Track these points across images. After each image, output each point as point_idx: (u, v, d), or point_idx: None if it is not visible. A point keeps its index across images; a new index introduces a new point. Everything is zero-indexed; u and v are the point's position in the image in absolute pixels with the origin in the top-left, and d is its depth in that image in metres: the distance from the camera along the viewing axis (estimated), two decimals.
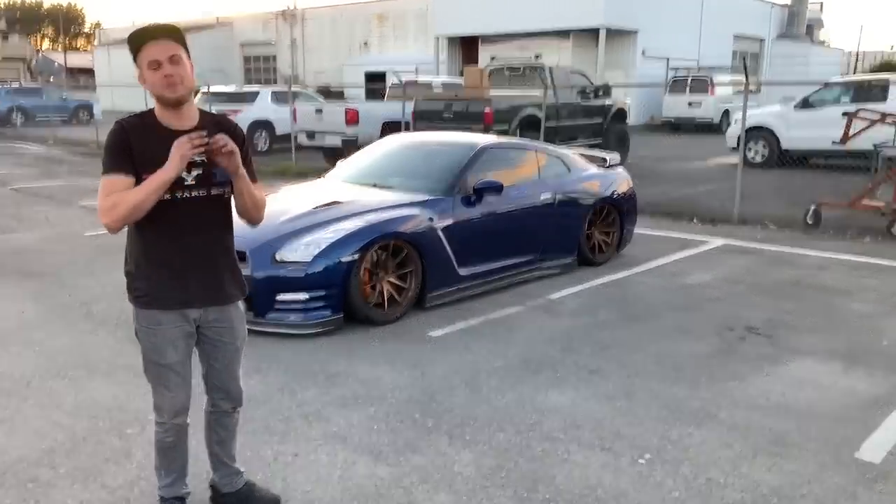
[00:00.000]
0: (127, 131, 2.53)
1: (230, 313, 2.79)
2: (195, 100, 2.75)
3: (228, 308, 2.78)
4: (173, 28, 2.53)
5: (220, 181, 2.61)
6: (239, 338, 2.85)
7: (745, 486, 3.25)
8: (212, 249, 2.69)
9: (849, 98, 14.71)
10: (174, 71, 2.46)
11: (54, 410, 3.91)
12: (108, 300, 5.87)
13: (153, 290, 2.65)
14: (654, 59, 27.43)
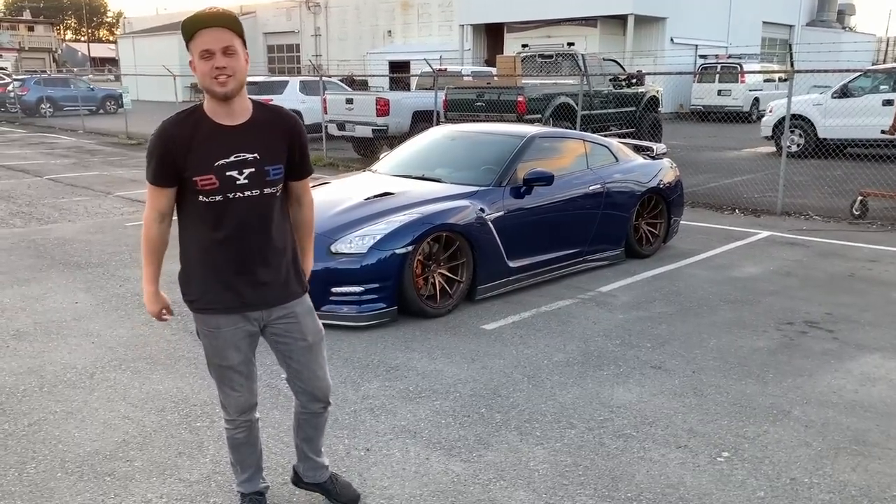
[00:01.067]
0: (170, 139, 2.38)
1: (294, 309, 2.64)
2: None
3: (291, 304, 2.64)
4: (230, 15, 2.35)
5: (272, 179, 2.48)
6: (309, 333, 2.69)
7: (831, 486, 3.17)
8: (267, 248, 2.53)
9: (889, 86, 14.43)
10: (227, 63, 2.31)
11: (121, 403, 3.91)
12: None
13: (209, 294, 2.55)
14: (683, 47, 27.08)
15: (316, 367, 2.74)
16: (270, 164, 2.45)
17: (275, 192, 2.51)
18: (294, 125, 2.54)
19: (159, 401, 3.93)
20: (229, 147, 2.40)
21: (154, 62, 32.75)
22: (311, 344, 2.71)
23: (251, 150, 2.42)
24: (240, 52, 2.34)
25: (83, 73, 38.47)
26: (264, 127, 2.45)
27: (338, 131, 15.46)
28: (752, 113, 25.00)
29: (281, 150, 2.48)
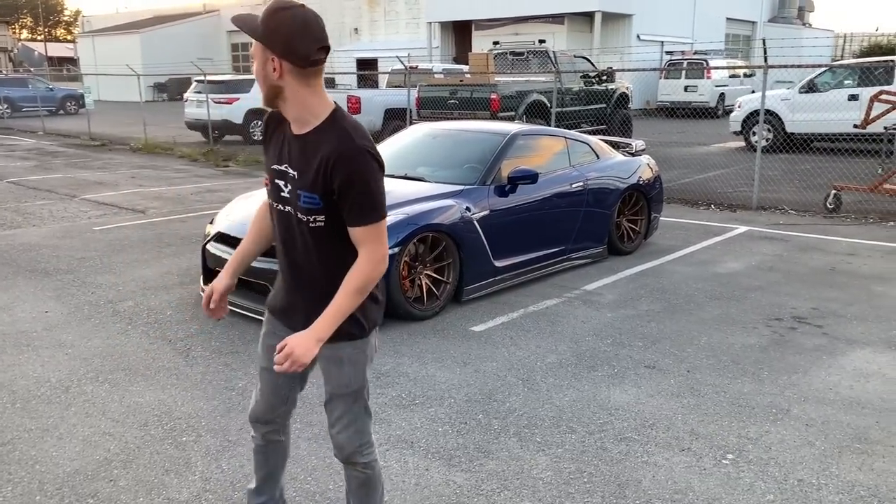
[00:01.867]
0: (269, 123, 2.26)
1: (331, 349, 2.22)
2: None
3: (331, 344, 2.22)
4: (248, 17, 2.06)
5: (304, 206, 2.11)
6: (332, 383, 2.30)
7: (839, 487, 3.12)
8: (300, 273, 2.24)
9: (854, 81, 14.64)
10: (255, 67, 2.09)
11: (100, 418, 3.72)
12: (133, 298, 5.66)
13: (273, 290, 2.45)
14: (650, 43, 27.28)
15: (334, 418, 2.34)
16: (302, 188, 2.09)
17: (309, 221, 2.12)
18: (334, 159, 2.01)
19: (141, 415, 3.75)
20: (283, 154, 2.17)
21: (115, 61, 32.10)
22: (334, 395, 2.33)
23: (293, 167, 2.12)
24: (257, 58, 2.06)
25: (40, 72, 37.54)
26: (310, 145, 2.08)
27: None
28: (718, 108, 25.29)
29: (315, 178, 2.06)
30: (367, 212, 2.05)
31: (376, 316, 2.29)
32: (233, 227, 5.39)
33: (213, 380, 4.18)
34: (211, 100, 17.22)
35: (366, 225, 2.06)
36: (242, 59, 39.91)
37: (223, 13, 40.68)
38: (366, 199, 2.03)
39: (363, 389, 2.32)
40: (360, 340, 2.25)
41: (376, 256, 2.08)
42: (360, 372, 2.29)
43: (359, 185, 2.01)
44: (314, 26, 2.01)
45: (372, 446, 2.41)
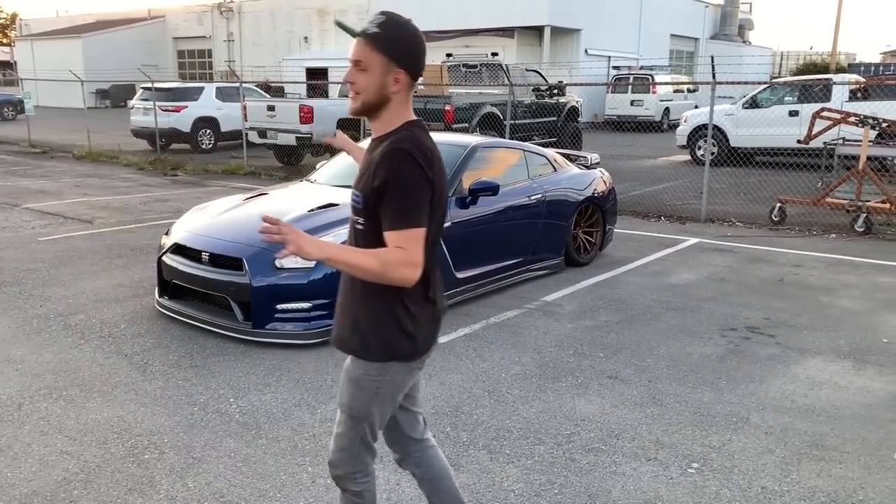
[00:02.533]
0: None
1: (349, 362, 2.24)
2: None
3: (348, 358, 2.25)
4: (381, 26, 2.02)
5: (353, 205, 2.13)
6: (340, 396, 2.27)
7: (801, 493, 3.21)
8: (347, 284, 2.22)
9: (794, 98, 15.17)
10: (354, 79, 2.06)
11: (56, 436, 3.59)
12: (85, 311, 5.50)
13: None
14: (597, 58, 27.78)
15: (337, 434, 2.31)
16: (355, 187, 2.13)
17: (355, 221, 2.14)
18: (380, 158, 2.02)
19: (100, 432, 3.64)
20: (364, 160, 2.18)
21: (56, 66, 31.23)
22: (340, 407, 2.30)
23: (360, 170, 2.16)
24: (375, 69, 2.02)
25: None
26: (375, 148, 2.10)
27: (259, 139, 15.03)
28: (663, 122, 25.88)
29: (364, 177, 2.07)
30: (397, 218, 1.99)
31: (401, 350, 2.15)
32: (190, 239, 5.28)
33: (174, 395, 4.08)
34: (158, 107, 16.88)
35: (394, 230, 1.99)
36: (189, 67, 39.24)
37: (169, 19, 39.97)
38: (400, 204, 1.98)
39: (364, 421, 2.22)
40: (371, 365, 2.15)
41: (394, 256, 1.97)
42: (365, 400, 2.19)
43: (395, 187, 1.98)
44: (423, 40, 2.11)
45: (367, 477, 2.34)
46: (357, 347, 2.16)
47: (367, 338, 2.14)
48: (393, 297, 2.10)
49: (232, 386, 4.23)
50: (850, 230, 8.92)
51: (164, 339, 4.94)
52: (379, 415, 2.24)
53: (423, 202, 2.01)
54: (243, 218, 5.45)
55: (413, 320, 2.14)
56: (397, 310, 2.11)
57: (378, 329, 2.13)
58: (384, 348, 2.14)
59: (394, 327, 2.12)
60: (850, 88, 14.44)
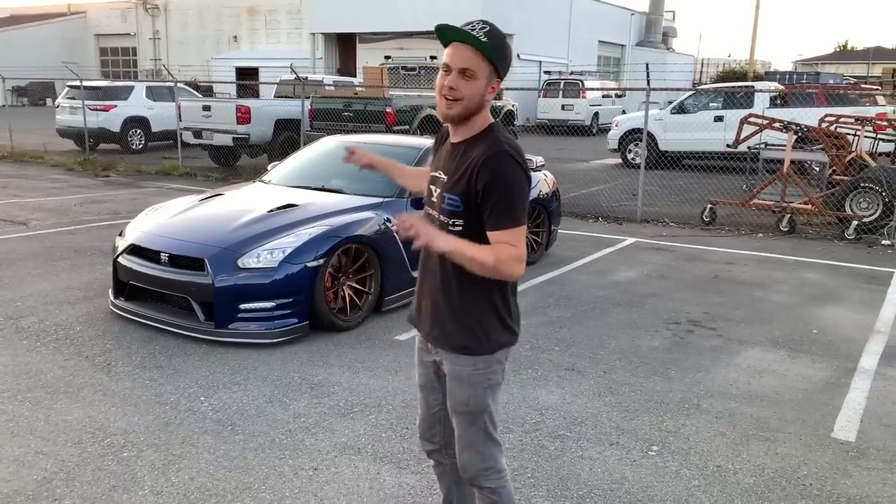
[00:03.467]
0: (438, 138, 2.37)
1: (451, 362, 2.29)
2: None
3: (451, 356, 2.29)
4: (489, 34, 2.10)
5: (446, 208, 2.18)
6: (451, 398, 2.32)
7: (751, 470, 3.48)
8: (434, 278, 2.29)
9: (719, 104, 15.88)
10: (457, 84, 2.09)
11: (28, 437, 3.56)
12: (36, 314, 5.39)
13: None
14: (529, 63, 28.31)
15: (461, 435, 2.36)
16: (449, 190, 2.17)
17: (448, 224, 2.18)
18: (481, 160, 2.08)
19: (73, 433, 3.63)
20: (439, 161, 2.28)
21: None
22: (456, 412, 2.34)
23: (445, 171, 2.21)
24: (482, 79, 2.10)
25: None
26: (465, 152, 2.16)
27: (194, 139, 14.78)
28: (592, 126, 26.56)
29: (460, 180, 2.13)
30: (505, 218, 2.07)
31: (502, 339, 2.25)
32: (147, 239, 5.25)
33: (143, 395, 4.09)
34: (86, 106, 16.40)
35: (503, 229, 2.08)
36: (112, 65, 38.06)
37: (90, 15, 38.68)
38: (506, 204, 2.07)
39: (483, 413, 2.30)
40: (478, 359, 2.23)
41: (507, 253, 2.07)
42: (480, 394, 2.27)
43: (501, 190, 2.06)
44: None
45: (500, 473, 2.38)
46: (466, 344, 2.23)
47: (476, 334, 2.22)
48: (492, 291, 2.21)
49: (200, 385, 4.25)
50: (775, 230, 9.45)
51: (123, 341, 4.91)
52: (494, 404, 2.32)
53: (526, 201, 2.13)
54: (202, 218, 5.45)
55: (509, 312, 2.27)
56: (497, 302, 2.23)
57: (484, 325, 2.22)
58: (491, 340, 2.23)
59: (495, 319, 2.23)
60: (770, 95, 15.20)
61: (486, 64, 2.10)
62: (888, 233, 8.90)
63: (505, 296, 2.25)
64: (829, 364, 4.89)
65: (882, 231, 9.06)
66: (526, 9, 27.87)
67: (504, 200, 2.07)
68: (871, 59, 62.53)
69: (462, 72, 2.09)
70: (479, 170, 2.08)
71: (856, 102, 15.39)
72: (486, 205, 2.09)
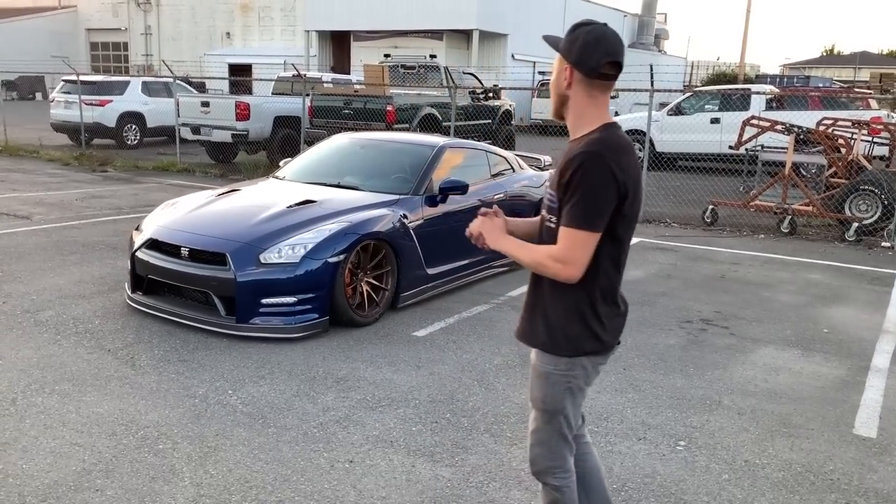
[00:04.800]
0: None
1: (536, 357, 2.31)
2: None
3: (536, 351, 2.31)
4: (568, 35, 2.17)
5: (548, 205, 2.22)
6: (532, 393, 2.34)
7: (779, 465, 3.54)
8: (532, 277, 2.31)
9: (716, 106, 16.01)
10: (552, 78, 2.23)
11: (62, 429, 3.57)
12: (52, 308, 5.38)
13: None
14: (523, 63, 28.39)
15: (533, 429, 2.39)
16: (552, 188, 2.20)
17: (547, 220, 2.23)
18: (572, 157, 2.09)
19: (106, 425, 3.63)
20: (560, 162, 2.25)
21: None
22: (533, 405, 2.37)
23: (557, 171, 2.22)
24: (554, 69, 2.21)
25: None
26: (569, 150, 2.17)
27: (192, 135, 14.73)
28: None
29: (558, 177, 2.15)
30: (580, 217, 2.05)
31: (585, 346, 2.22)
32: (167, 234, 5.26)
33: (170, 388, 4.10)
34: (81, 101, 16.30)
35: (572, 227, 2.06)
36: (103, 59, 37.79)
37: (81, 9, 38.39)
38: (583, 204, 2.05)
39: (559, 414, 2.29)
40: (560, 359, 2.23)
41: (563, 254, 2.08)
42: (558, 395, 2.27)
43: (584, 188, 2.05)
44: (608, 41, 2.11)
45: (567, 473, 2.39)
46: (545, 341, 2.24)
47: (556, 333, 2.22)
48: (581, 297, 2.18)
49: (226, 378, 4.27)
50: (776, 231, 9.56)
51: (143, 335, 4.91)
52: (572, 407, 2.31)
53: (604, 207, 2.06)
54: (221, 213, 5.46)
55: (598, 320, 2.21)
56: (584, 309, 2.20)
57: (566, 326, 2.21)
58: (571, 345, 2.22)
59: (581, 326, 2.20)
60: (766, 98, 15.34)
61: (559, 55, 2.19)
62: (888, 235, 9.03)
63: (594, 301, 2.20)
64: (843, 363, 4.97)
65: (882, 233, 9.18)
66: (520, 9, 27.96)
67: (582, 200, 2.05)
68: (857, 64, 63.19)
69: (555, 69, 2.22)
70: (566, 166, 2.11)
71: (849, 106, 15.57)
72: (567, 200, 2.09)
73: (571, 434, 2.36)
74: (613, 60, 2.11)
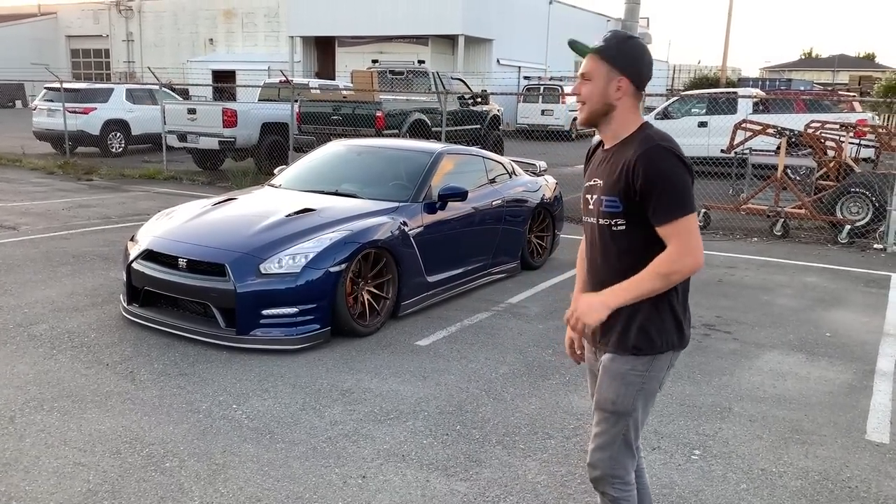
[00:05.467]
0: (591, 150, 2.40)
1: (611, 359, 2.27)
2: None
3: (605, 356, 2.29)
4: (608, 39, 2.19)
5: (605, 210, 2.21)
6: (599, 393, 2.30)
7: (796, 472, 3.50)
8: (599, 282, 2.28)
9: (702, 110, 16.07)
10: (579, 90, 2.22)
11: (63, 448, 3.47)
12: (46, 321, 5.26)
13: None
14: (508, 68, 28.42)
15: (592, 433, 2.37)
16: (605, 193, 2.20)
17: (611, 225, 2.20)
18: (635, 157, 2.11)
19: (109, 443, 3.53)
20: (593, 170, 2.32)
21: None
22: (599, 407, 2.32)
23: (599, 177, 2.25)
24: (598, 79, 2.18)
25: None
26: (617, 154, 2.20)
27: (179, 143, 14.56)
28: (571, 132, 26.72)
29: (618, 181, 2.16)
30: (673, 208, 2.07)
31: (673, 339, 2.23)
32: (163, 245, 5.16)
33: (173, 403, 4.00)
34: (65, 109, 16.09)
35: (671, 221, 2.07)
36: (84, 66, 37.41)
37: (61, 16, 38.01)
38: (670, 196, 2.07)
39: (629, 417, 2.26)
40: (639, 359, 2.21)
41: (684, 248, 2.07)
42: (630, 395, 2.24)
43: (661, 182, 2.07)
44: (650, 55, 2.24)
45: (627, 486, 2.33)
46: (640, 345, 2.20)
47: (649, 333, 2.20)
48: (669, 290, 2.18)
49: (230, 392, 4.18)
50: (769, 234, 9.58)
51: (142, 348, 4.80)
52: (642, 410, 2.28)
53: (689, 188, 2.11)
54: (219, 223, 5.37)
55: (684, 311, 2.26)
56: (673, 298, 2.21)
57: (656, 321, 2.20)
58: (662, 339, 2.21)
59: (670, 317, 2.22)
60: (752, 101, 15.41)
61: (603, 64, 2.18)
62: (880, 237, 9.07)
63: (680, 291, 2.23)
64: (848, 367, 4.96)
65: (874, 235, 9.22)
66: (505, 14, 27.99)
67: (666, 193, 2.08)
68: (836, 67, 63.91)
69: (583, 77, 2.23)
70: (634, 167, 2.11)
71: (832, 109, 15.68)
72: (649, 201, 2.10)
73: (636, 443, 2.33)
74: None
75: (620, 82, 2.17)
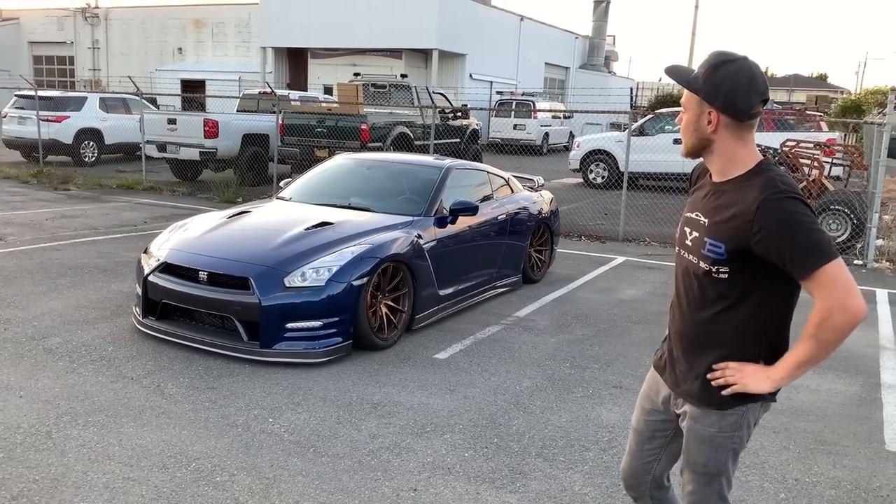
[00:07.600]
0: (696, 173, 2.27)
1: (695, 420, 2.14)
2: None
3: (689, 407, 2.16)
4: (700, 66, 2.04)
5: (707, 254, 2.03)
6: (691, 458, 2.18)
7: (829, 482, 3.63)
8: (686, 329, 2.16)
9: (674, 127, 16.40)
10: (680, 120, 2.10)
11: (108, 463, 3.43)
12: (59, 334, 5.18)
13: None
14: (481, 82, 28.67)
15: (684, 491, 2.27)
16: (710, 236, 2.03)
17: (711, 271, 2.03)
18: (756, 204, 1.91)
19: (154, 457, 3.51)
20: (697, 201, 2.16)
21: None
22: (689, 469, 2.21)
23: (704, 213, 2.08)
24: (690, 111, 2.04)
25: None
26: (729, 193, 2.02)
27: (158, 153, 14.38)
28: (542, 146, 27.03)
29: (726, 226, 1.99)
30: (811, 258, 1.88)
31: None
32: (182, 258, 5.13)
33: (208, 417, 3.98)
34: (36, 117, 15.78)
35: (813, 271, 1.88)
36: (47, 74, 36.65)
37: (24, 22, 37.23)
38: (805, 244, 1.88)
39: (721, 476, 2.17)
40: (724, 420, 2.09)
41: (829, 302, 1.89)
42: (722, 458, 2.14)
43: (791, 231, 1.88)
44: (759, 80, 1.98)
45: None
46: (726, 398, 2.07)
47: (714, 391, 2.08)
48: (760, 339, 2.09)
49: (262, 406, 4.17)
50: None
51: (162, 361, 4.76)
52: (733, 467, 2.19)
53: (823, 234, 1.91)
54: (238, 236, 5.35)
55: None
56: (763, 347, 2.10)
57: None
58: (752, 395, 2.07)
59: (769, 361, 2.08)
60: None
61: (694, 96, 2.03)
62: (860, 253, 9.38)
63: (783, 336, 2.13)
64: (854, 380, 5.14)
65: (854, 252, 9.53)
66: (477, 30, 28.26)
67: (804, 243, 1.88)
68: (791, 87, 65.67)
69: (683, 106, 2.10)
70: (756, 216, 1.92)
71: (797, 128, 16.18)
72: (782, 254, 1.90)
73: (730, 493, 2.25)
74: (764, 98, 2.00)
75: (711, 115, 2.00)
